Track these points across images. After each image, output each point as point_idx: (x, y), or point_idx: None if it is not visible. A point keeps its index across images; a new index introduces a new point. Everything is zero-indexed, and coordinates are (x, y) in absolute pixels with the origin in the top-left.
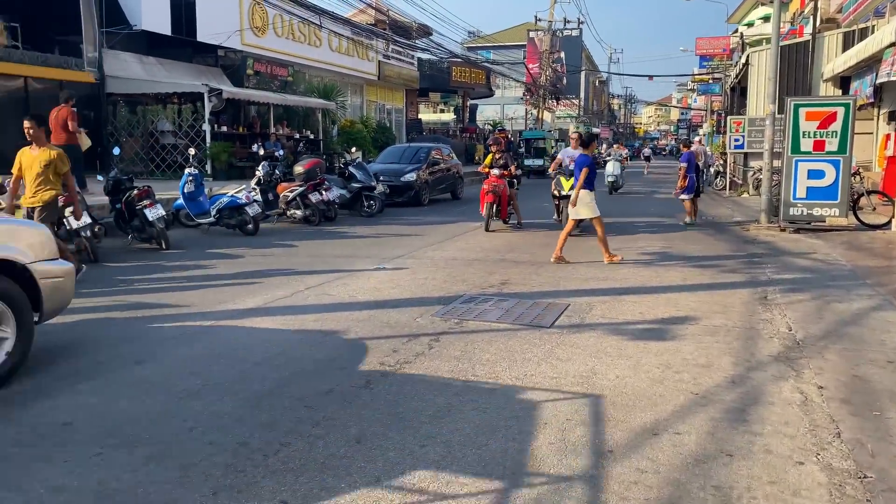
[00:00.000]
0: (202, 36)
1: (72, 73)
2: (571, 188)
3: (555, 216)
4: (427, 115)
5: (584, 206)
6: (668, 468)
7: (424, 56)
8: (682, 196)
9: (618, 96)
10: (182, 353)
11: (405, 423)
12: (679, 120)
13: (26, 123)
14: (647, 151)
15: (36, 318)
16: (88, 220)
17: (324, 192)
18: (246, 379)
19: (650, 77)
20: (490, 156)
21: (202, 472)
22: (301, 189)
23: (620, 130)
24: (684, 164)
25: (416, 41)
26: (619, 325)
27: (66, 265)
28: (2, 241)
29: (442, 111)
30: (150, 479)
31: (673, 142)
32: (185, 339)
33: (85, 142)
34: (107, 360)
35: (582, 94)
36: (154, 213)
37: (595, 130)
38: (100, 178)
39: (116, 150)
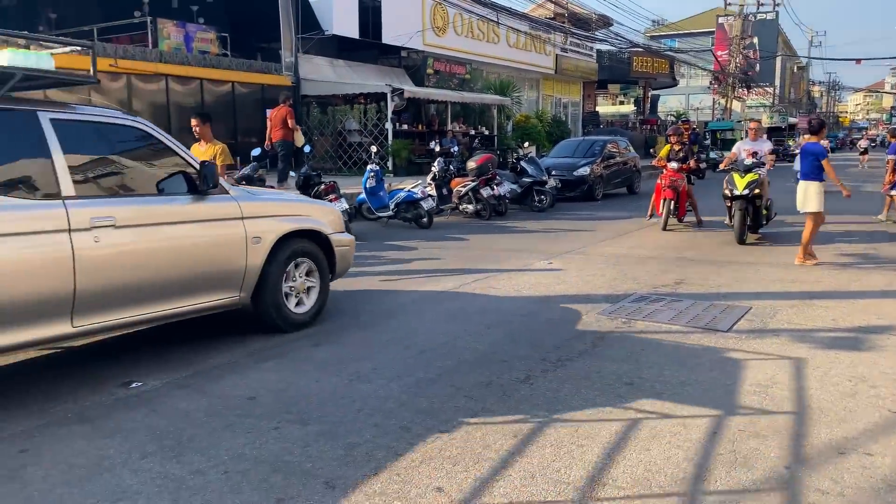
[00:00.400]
0: (387, 38)
1: (272, 78)
2: (748, 186)
3: (727, 219)
4: (605, 108)
5: (812, 199)
6: (854, 491)
7: (603, 47)
8: (893, 192)
9: (819, 83)
10: (356, 337)
11: (563, 422)
12: (893, 107)
13: (193, 121)
14: (864, 143)
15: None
16: None
17: (495, 187)
18: (411, 366)
19: (858, 61)
20: (667, 147)
21: (365, 452)
22: (473, 184)
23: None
24: (892, 157)
25: (595, 32)
26: (806, 331)
27: (350, 237)
28: (313, 216)
29: (621, 103)
30: (319, 454)
31: (884, 132)
32: (357, 326)
33: (299, 139)
34: (288, 342)
35: (777, 82)
36: (338, 206)
37: (792, 120)
38: (292, 174)
39: (308, 148)
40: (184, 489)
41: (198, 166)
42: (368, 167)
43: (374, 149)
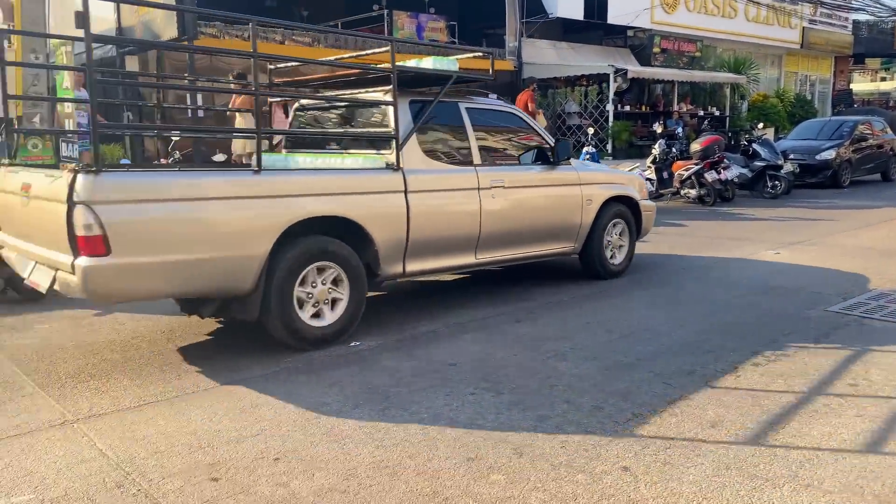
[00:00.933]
0: (612, 18)
1: (495, 63)
2: None
3: None
4: (862, 85)
5: None
6: None
7: (861, 17)
8: None
9: None
10: (556, 317)
11: (770, 419)
12: None
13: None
14: None
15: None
16: None
17: (721, 171)
18: (610, 349)
19: None
20: None
21: (555, 424)
22: (697, 167)
23: None
24: None
25: (852, 1)
26: None
27: (653, 203)
28: (627, 185)
29: (883, 79)
30: (511, 422)
31: None
32: (559, 306)
33: (542, 121)
34: (491, 317)
35: None
36: None
37: None
38: None
39: None
40: (387, 439)
41: (552, 143)
42: (585, 149)
43: (591, 130)
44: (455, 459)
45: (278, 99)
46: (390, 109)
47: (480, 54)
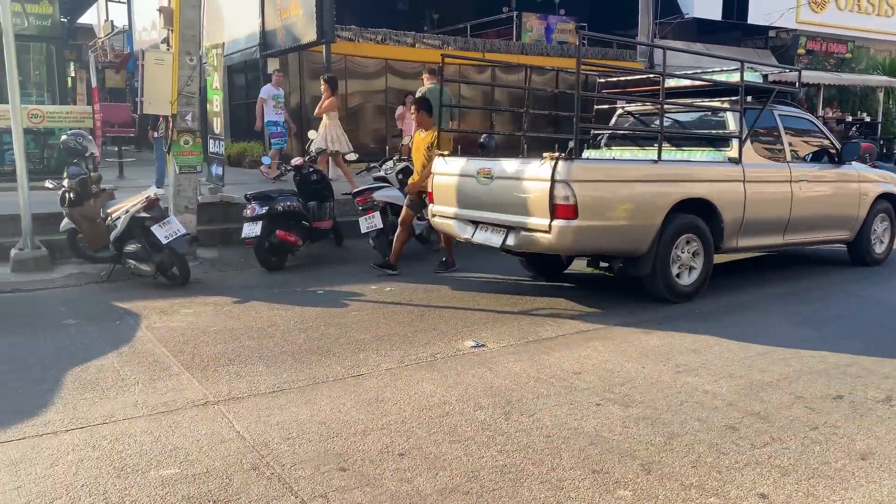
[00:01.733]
0: (753, 18)
1: (625, 64)
2: None
3: None
4: None
5: None
6: None
7: None
8: None
9: None
10: (687, 328)
11: None
12: None
13: (412, 108)
14: None
15: None
16: None
17: None
18: (746, 366)
19: None
20: None
21: (686, 444)
22: None
23: None
24: None
25: None
26: None
27: None
28: (891, 182)
29: None
30: (638, 437)
31: None
32: (689, 317)
33: None
34: (621, 325)
35: None
36: None
37: None
38: None
39: None
40: (509, 444)
41: (839, 146)
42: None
43: None
44: (580, 470)
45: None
46: (731, 115)
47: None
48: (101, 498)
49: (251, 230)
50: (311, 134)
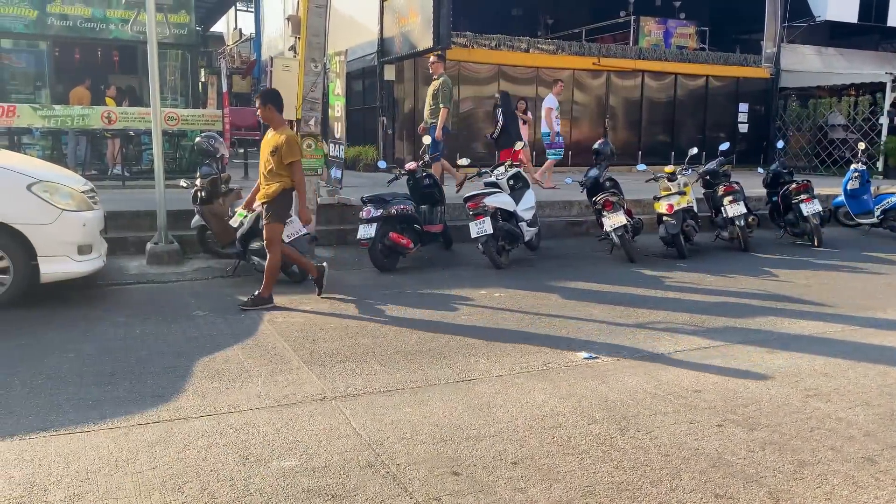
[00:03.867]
0: (894, 20)
1: (749, 70)
2: None
3: None
4: None
5: None
6: None
7: None
8: None
9: None
10: (815, 349)
11: None
12: None
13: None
14: None
15: None
16: (743, 210)
17: None
18: (888, 395)
19: None
20: None
21: (818, 473)
22: None
23: None
24: None
25: None
26: None
27: None
28: None
29: None
30: (765, 463)
31: None
32: (817, 340)
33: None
34: (742, 343)
35: None
36: (810, 208)
37: None
38: (760, 170)
39: (780, 144)
40: (625, 460)
41: None
42: (852, 167)
43: (861, 146)
44: (701, 493)
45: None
46: None
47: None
48: (228, 484)
49: (366, 232)
50: (426, 139)
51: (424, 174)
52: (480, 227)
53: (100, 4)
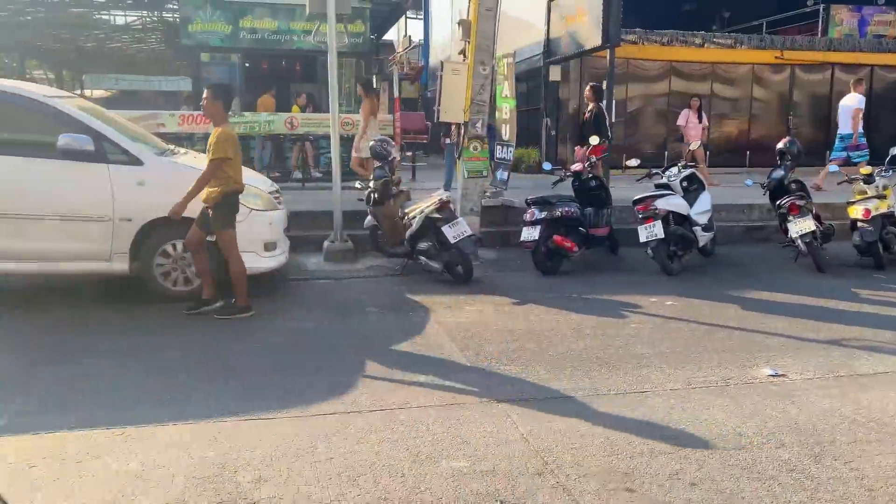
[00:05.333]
0: None
1: None
2: None
3: None
4: None
5: None
6: None
7: None
8: None
9: None
10: None
11: None
12: None
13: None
14: None
15: None
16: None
17: None
18: None
19: None
20: None
21: None
22: None
23: None
24: None
25: None
26: None
27: None
28: None
29: None
30: None
31: None
32: None
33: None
34: None
35: None
36: None
37: None
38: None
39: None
40: (821, 491)
41: None
42: None
43: None
44: None
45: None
46: None
47: None
48: (400, 481)
49: (529, 234)
50: (593, 140)
51: (590, 175)
52: (650, 231)
53: (285, 18)
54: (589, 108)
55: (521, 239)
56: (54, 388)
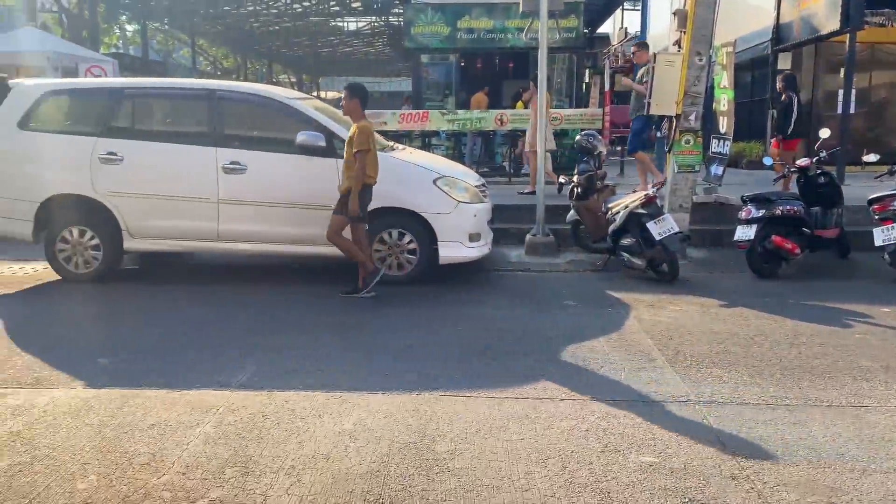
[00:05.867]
0: None
1: None
2: None
3: None
4: None
5: None
6: None
7: None
8: None
9: None
10: None
11: None
12: None
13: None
14: None
15: None
16: None
17: None
18: None
19: None
20: None
21: None
22: None
23: None
24: None
25: None
26: None
27: None
28: None
29: None
30: None
31: None
32: None
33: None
34: None
35: None
36: None
37: None
38: None
39: None
40: None
41: None
42: None
43: None
44: None
45: None
46: None
47: None
48: (587, 468)
49: (744, 233)
50: (823, 133)
51: (819, 172)
52: (889, 234)
53: (500, 16)
54: (782, 99)
55: (735, 238)
56: (291, 353)
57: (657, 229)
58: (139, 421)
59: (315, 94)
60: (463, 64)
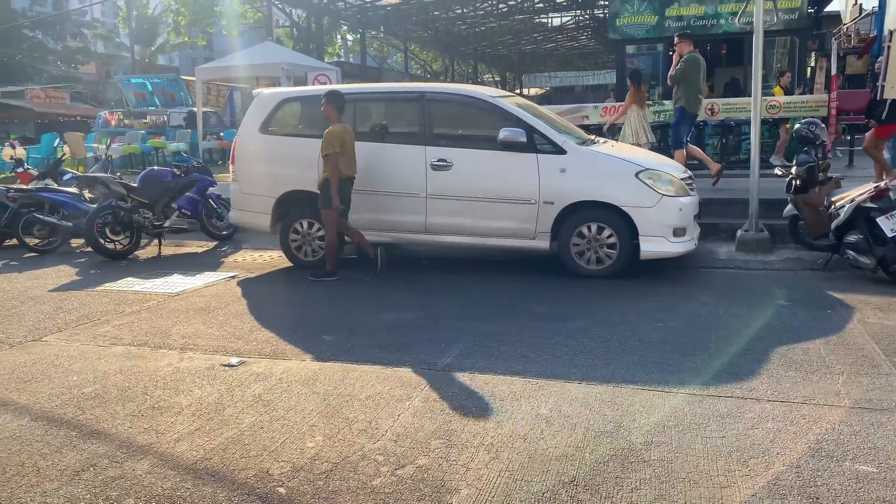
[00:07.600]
0: None
1: None
2: None
3: None
4: None
5: None
6: None
7: None
8: None
9: None
10: None
11: None
12: None
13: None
14: None
15: None
16: None
17: None
18: None
19: None
20: None
21: None
22: None
23: None
24: None
25: None
26: None
27: None
28: None
29: None
30: None
31: None
32: None
33: None
34: None
35: None
36: None
37: None
38: None
39: None
40: None
41: None
42: None
43: None
44: None
45: None
46: None
47: None
48: (794, 471)
49: None
50: None
51: None
52: None
53: (712, 2)
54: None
55: None
56: (494, 339)
57: (889, 225)
58: (357, 392)
59: (518, 91)
60: (670, 53)
